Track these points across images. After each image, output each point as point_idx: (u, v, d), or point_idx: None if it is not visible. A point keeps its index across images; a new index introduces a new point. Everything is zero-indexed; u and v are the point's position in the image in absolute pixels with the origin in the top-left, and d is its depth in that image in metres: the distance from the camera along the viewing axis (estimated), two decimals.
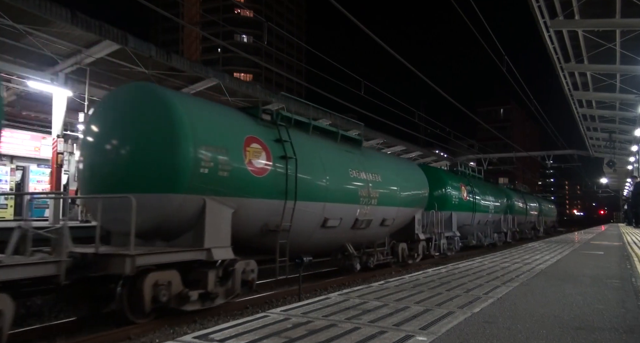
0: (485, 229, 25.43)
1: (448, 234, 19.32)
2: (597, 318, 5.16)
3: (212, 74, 16.64)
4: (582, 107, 23.72)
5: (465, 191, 21.45)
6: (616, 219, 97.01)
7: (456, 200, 20.27)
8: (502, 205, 28.01)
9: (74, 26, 12.18)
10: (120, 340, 6.97)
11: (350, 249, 12.83)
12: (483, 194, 24.39)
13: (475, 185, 23.17)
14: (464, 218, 21.41)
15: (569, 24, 13.88)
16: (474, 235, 23.92)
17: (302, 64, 43.85)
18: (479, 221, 23.51)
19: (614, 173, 47.62)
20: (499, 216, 27.28)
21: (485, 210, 24.49)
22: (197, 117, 8.11)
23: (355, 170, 12.27)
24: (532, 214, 37.45)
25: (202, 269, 8.03)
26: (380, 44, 11.96)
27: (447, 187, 19.77)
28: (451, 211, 19.71)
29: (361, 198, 12.21)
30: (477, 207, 22.81)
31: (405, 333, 4.34)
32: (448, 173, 22.50)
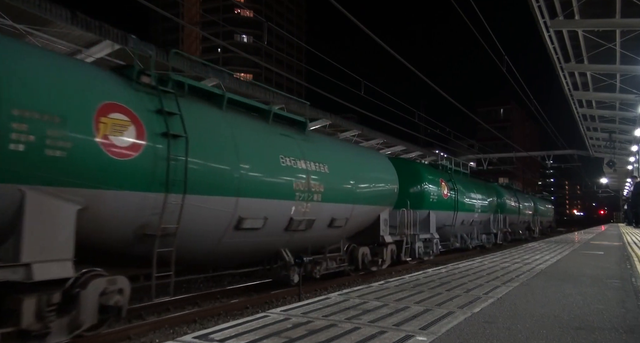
0: (471, 230, 23.16)
1: (425, 236, 17.38)
2: (597, 318, 5.16)
3: (212, 73, 16.63)
4: (582, 107, 23.71)
5: (446, 188, 19.23)
6: (616, 219, 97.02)
7: (435, 197, 18.19)
8: (491, 203, 25.58)
9: (74, 26, 12.18)
10: (120, 340, 6.97)
11: (286, 256, 10.30)
12: (467, 191, 22.04)
13: (458, 182, 20.96)
14: (445, 218, 19.34)
15: (569, 24, 13.88)
16: (457, 236, 21.91)
17: (302, 64, 43.86)
18: (463, 221, 21.35)
19: (614, 173, 47.60)
20: (487, 216, 25.05)
21: (470, 209, 22.08)
22: (13, 68, 5.74)
23: (290, 157, 9.81)
24: (526, 214, 35.42)
25: (16, 295, 5.54)
26: (380, 44, 11.96)
27: (423, 182, 17.65)
28: (428, 210, 17.77)
29: (297, 193, 9.80)
30: (460, 205, 20.52)
31: (405, 333, 4.35)
32: (426, 167, 20.02)
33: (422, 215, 17.41)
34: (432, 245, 17.93)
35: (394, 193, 14.45)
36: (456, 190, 20.40)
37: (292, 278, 10.45)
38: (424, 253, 17.49)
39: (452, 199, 19.90)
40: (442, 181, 19.36)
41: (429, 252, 17.87)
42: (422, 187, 17.69)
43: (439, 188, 18.87)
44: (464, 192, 21.57)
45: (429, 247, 17.81)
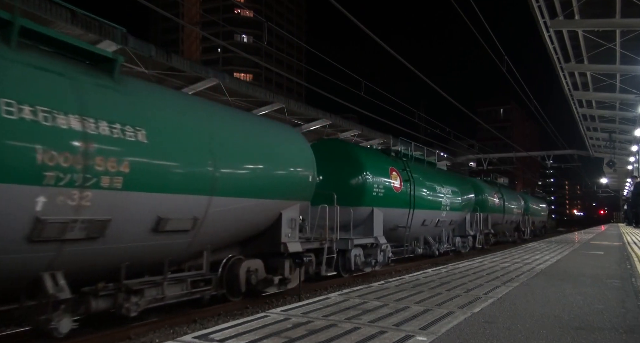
0: (438, 232, 19.02)
1: (364, 241, 13.20)
2: (597, 318, 5.16)
3: (212, 74, 16.64)
4: (582, 107, 23.72)
5: (398, 179, 15.12)
6: (616, 219, 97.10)
7: (380, 190, 14.07)
8: (467, 201, 21.26)
9: (74, 26, 12.18)
10: (120, 340, 6.98)
11: (51, 287, 5.77)
12: (432, 184, 17.76)
13: (416, 171, 16.72)
14: (397, 217, 15.21)
15: (569, 24, 13.88)
16: (419, 240, 17.71)
17: (302, 64, 43.85)
18: (425, 221, 17.00)
19: (614, 173, 47.60)
20: (461, 215, 20.80)
21: (436, 206, 17.81)
22: None
23: (44, 107, 5.52)
24: (514, 213, 31.41)
25: None
26: (380, 44, 11.96)
27: (364, 171, 13.53)
28: (372, 207, 13.73)
29: (54, 171, 5.48)
30: (419, 201, 16.17)
31: (405, 333, 4.35)
32: (368, 151, 15.95)
33: (363, 213, 13.60)
34: (376, 253, 13.64)
35: (307, 183, 10.43)
36: (413, 182, 15.83)
37: (58, 327, 5.82)
38: (364, 263, 13.19)
39: (406, 193, 15.54)
40: (394, 170, 15.12)
41: (371, 262, 13.37)
42: (362, 177, 13.56)
43: (389, 179, 14.66)
44: (425, 185, 17.02)
45: (371, 256, 13.46)
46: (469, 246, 22.04)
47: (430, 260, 18.75)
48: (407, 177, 15.78)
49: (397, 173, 15.32)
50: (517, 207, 32.40)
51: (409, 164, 16.55)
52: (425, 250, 18.22)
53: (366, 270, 13.56)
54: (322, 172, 11.99)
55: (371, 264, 13.48)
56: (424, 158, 19.13)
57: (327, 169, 12.97)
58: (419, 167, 17.59)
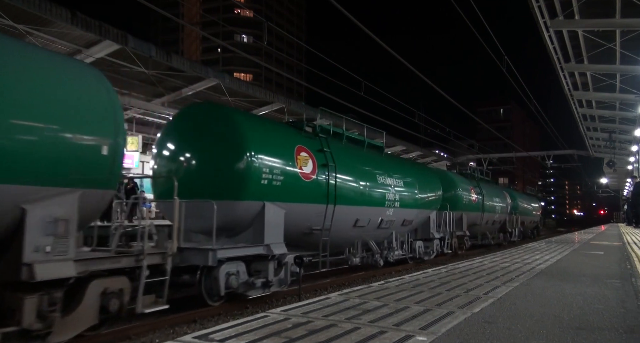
0: (385, 235, 14.67)
1: (243, 252, 9.21)
2: (597, 318, 5.16)
3: (212, 74, 16.65)
4: (582, 107, 23.72)
5: (310, 163, 10.97)
6: (616, 219, 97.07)
7: (277, 178, 9.91)
8: (432, 196, 17.26)
9: (74, 26, 12.18)
10: (120, 340, 6.98)
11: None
12: (369, 172, 13.42)
13: (344, 154, 12.50)
14: (313, 216, 11.13)
15: (569, 24, 13.89)
16: (355, 246, 13.41)
17: (302, 64, 43.85)
18: (358, 221, 12.74)
19: (614, 173, 47.63)
20: (422, 213, 16.61)
21: (376, 201, 13.47)
22: None
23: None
24: (498, 211, 27.16)
25: None
26: (380, 43, 11.97)
27: (246, 147, 9.40)
28: (262, 201, 9.61)
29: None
30: (344, 194, 11.93)
31: (405, 333, 4.35)
32: (256, 120, 11.36)
33: (245, 211, 10.18)
34: (268, 269, 9.93)
35: (94, 154, 8.70)
36: (331, 167, 11.59)
37: None
38: (246, 285, 9.76)
39: (320, 183, 11.63)
40: (304, 150, 11.37)
41: (256, 284, 9.49)
42: (242, 157, 10.06)
43: (293, 162, 11.35)
44: (353, 172, 12.74)
45: (261, 273, 9.77)
46: (434, 252, 17.77)
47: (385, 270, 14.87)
48: (325, 160, 11.39)
49: (308, 154, 10.99)
50: (502, 204, 28.20)
51: (331, 144, 12.01)
52: (365, 259, 13.84)
53: (251, 294, 9.27)
54: (192, 149, 9.60)
55: (259, 286, 9.31)
56: (363, 138, 14.37)
57: (197, 145, 9.60)
58: (348, 149, 13.29)
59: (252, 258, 9.41)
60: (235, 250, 9.08)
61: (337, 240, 12.18)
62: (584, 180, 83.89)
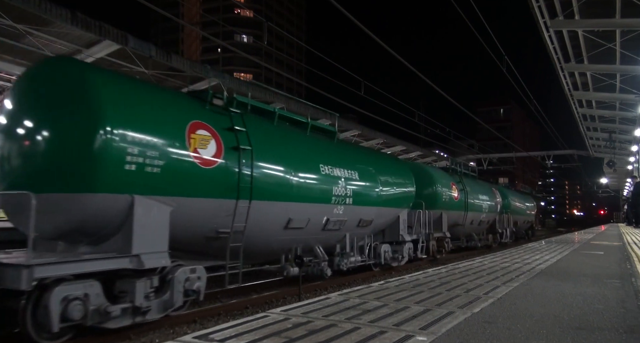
0: (336, 238, 12.06)
1: (71, 271, 6.18)
2: (597, 318, 5.16)
3: (212, 74, 16.64)
4: (582, 107, 23.73)
5: (213, 145, 8.34)
6: (616, 219, 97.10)
7: (151, 161, 7.29)
8: (402, 192, 14.79)
9: (74, 26, 12.19)
10: (120, 340, 6.98)
11: None
12: (306, 158, 10.88)
13: (265, 134, 9.95)
14: (220, 215, 8.51)
15: (569, 24, 13.89)
16: (286, 256, 10.77)
17: (302, 64, 43.86)
18: (291, 221, 10.07)
19: (614, 173, 47.64)
20: (388, 212, 13.96)
21: (318, 196, 10.88)
22: None
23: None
24: (486, 210, 24.50)
25: None
26: (380, 43, 11.97)
27: (101, 121, 6.79)
28: (129, 194, 7.02)
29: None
30: (263, 186, 9.21)
31: (405, 333, 4.35)
32: (119, 82, 7.77)
33: (89, 207, 7.32)
34: (135, 291, 7.26)
35: None
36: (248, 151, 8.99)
37: None
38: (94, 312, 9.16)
39: (229, 170, 8.97)
40: (201, 127, 8.41)
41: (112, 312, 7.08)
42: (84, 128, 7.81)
43: (174, 141, 8.49)
44: (278, 157, 9.92)
45: (124, 297, 7.03)
46: (405, 256, 15.16)
47: None
48: (237, 142, 8.64)
49: (211, 133, 8.28)
50: (490, 203, 25.50)
51: (250, 122, 9.34)
52: (310, 268, 11.44)
53: (110, 326, 6.67)
54: (33, 122, 7.06)
55: (118, 314, 6.67)
56: (305, 120, 11.65)
57: (40, 115, 7.09)
58: (280, 130, 10.60)
59: (116, 275, 6.87)
60: (75, 266, 6.29)
61: (259, 246, 9.73)
62: (584, 180, 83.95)
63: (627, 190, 57.24)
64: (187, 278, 7.75)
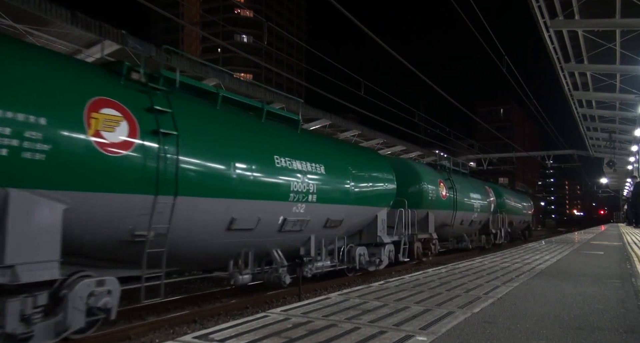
0: (280, 242, 10.15)
1: None
2: (597, 318, 5.16)
3: (212, 74, 16.65)
4: (582, 107, 23.74)
5: (124, 128, 6.75)
6: (616, 219, 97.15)
7: (4, 143, 5.42)
8: (380, 189, 13.56)
9: (74, 26, 12.19)
10: (120, 340, 6.98)
11: None
12: (249, 146, 9.13)
13: (199, 118, 8.41)
14: (100, 210, 6.56)
15: (569, 24, 13.89)
16: (235, 262, 9.26)
17: (302, 64, 43.86)
18: (235, 220, 8.53)
19: (614, 173, 47.65)
20: (362, 211, 12.62)
21: (255, 193, 9.01)
22: None
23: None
24: (478, 210, 23.08)
25: None
26: (380, 43, 11.97)
27: None
28: (4, 188, 5.45)
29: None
30: (185, 179, 7.51)
31: (405, 333, 4.34)
32: None
33: None
34: None
35: None
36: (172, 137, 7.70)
37: None
38: None
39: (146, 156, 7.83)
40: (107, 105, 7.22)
41: None
42: None
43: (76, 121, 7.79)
44: (213, 147, 8.39)
45: None
46: (384, 260, 13.92)
47: None
48: (157, 125, 7.17)
49: (122, 114, 6.80)
50: (483, 202, 24.14)
51: (181, 103, 8.00)
52: (266, 275, 10.04)
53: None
54: None
55: None
56: (259, 105, 10.51)
57: None
58: (222, 115, 9.04)
59: None
60: None
61: (193, 251, 8.25)
62: (584, 180, 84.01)
63: (627, 190, 57.25)
64: (91, 293, 6.25)
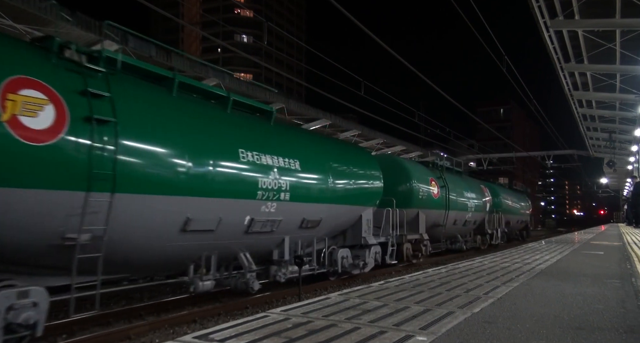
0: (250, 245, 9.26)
1: None
2: (597, 318, 5.16)
3: (212, 74, 16.65)
4: (582, 107, 23.74)
5: (50, 112, 5.84)
6: (616, 219, 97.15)
7: None
8: (365, 187, 12.64)
9: (74, 26, 12.20)
10: (120, 340, 6.98)
11: None
12: (208, 137, 8.15)
13: (146, 104, 7.42)
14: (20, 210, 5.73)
15: (569, 24, 13.89)
16: (195, 267, 8.44)
17: (302, 64, 43.87)
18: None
19: (614, 173, 47.65)
20: (345, 210, 11.82)
21: (215, 190, 8.03)
22: None
23: None
24: (472, 209, 22.03)
25: None
26: (380, 43, 11.96)
27: None
28: None
29: None
30: (125, 173, 6.55)
31: (405, 333, 4.34)
32: None
33: None
34: None
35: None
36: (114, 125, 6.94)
37: None
38: None
39: None
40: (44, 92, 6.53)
41: None
42: None
43: None
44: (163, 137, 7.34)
45: None
46: (369, 262, 13.09)
47: None
48: (90, 110, 6.28)
49: (47, 96, 5.96)
50: (478, 201, 23.00)
51: (116, 83, 6.98)
52: (233, 280, 9.22)
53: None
54: None
55: None
56: (225, 93, 9.20)
57: None
58: (178, 102, 8.05)
59: None
60: None
61: (141, 256, 7.26)
62: (584, 180, 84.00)
63: (627, 190, 57.26)
64: (10, 306, 5.49)
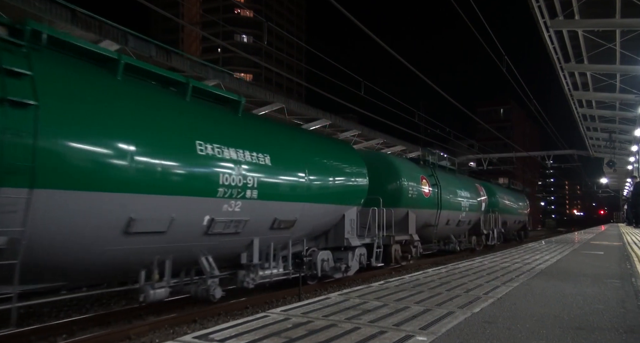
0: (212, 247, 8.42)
1: None
2: (597, 318, 5.16)
3: (212, 74, 16.65)
4: (582, 107, 23.74)
5: None
6: (616, 219, 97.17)
7: None
8: (348, 185, 11.97)
9: (74, 26, 12.19)
10: (120, 340, 6.98)
11: None
12: (157, 127, 7.19)
13: (82, 87, 6.38)
14: None
15: (569, 24, 13.89)
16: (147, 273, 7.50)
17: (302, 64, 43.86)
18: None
19: (614, 173, 47.67)
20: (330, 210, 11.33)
21: (165, 186, 7.13)
22: None
23: None
24: (467, 209, 21.18)
25: None
26: (380, 43, 11.96)
27: None
28: None
29: None
30: (49, 166, 5.68)
31: (405, 333, 4.34)
32: None
33: None
34: None
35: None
36: None
37: None
38: None
39: None
40: None
41: None
42: None
43: None
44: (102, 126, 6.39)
45: None
46: (352, 266, 12.17)
47: None
48: (3, 91, 5.48)
49: None
50: (473, 200, 22.13)
51: (40, 60, 6.04)
52: (193, 287, 8.54)
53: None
54: None
55: None
56: (184, 80, 8.29)
57: None
58: (125, 86, 7.18)
59: None
60: None
61: (74, 262, 6.35)
62: (584, 180, 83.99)
63: (627, 190, 57.26)
64: None
